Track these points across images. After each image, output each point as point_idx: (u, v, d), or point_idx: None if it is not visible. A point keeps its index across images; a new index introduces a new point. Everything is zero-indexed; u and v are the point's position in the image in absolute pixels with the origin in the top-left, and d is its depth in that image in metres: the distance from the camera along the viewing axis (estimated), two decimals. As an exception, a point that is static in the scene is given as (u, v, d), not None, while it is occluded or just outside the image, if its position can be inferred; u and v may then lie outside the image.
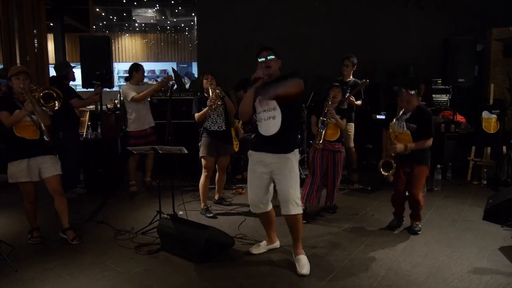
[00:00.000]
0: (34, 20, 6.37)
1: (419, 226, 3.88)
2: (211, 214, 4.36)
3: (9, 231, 3.99)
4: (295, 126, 3.41)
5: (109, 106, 6.53)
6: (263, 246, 3.49)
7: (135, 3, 12.32)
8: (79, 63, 5.32)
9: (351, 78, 5.47)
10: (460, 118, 6.27)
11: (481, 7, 7.06)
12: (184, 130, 5.46)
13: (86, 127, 6.67)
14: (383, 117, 4.00)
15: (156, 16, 13.44)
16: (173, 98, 4.72)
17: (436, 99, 6.70)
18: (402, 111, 3.65)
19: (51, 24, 9.09)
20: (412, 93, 3.60)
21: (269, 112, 3.04)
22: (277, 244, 3.56)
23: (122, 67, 15.67)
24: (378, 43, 7.26)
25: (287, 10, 7.26)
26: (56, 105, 3.53)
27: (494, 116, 5.61)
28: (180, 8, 13.03)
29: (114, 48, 15.82)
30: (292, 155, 3.10)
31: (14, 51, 6.34)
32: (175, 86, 6.21)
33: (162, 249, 3.51)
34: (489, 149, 5.70)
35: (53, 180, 3.59)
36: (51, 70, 5.50)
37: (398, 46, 7.36)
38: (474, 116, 5.91)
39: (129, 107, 5.21)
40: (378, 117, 6.08)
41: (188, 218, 3.99)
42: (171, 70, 8.23)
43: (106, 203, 4.80)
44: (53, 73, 5.33)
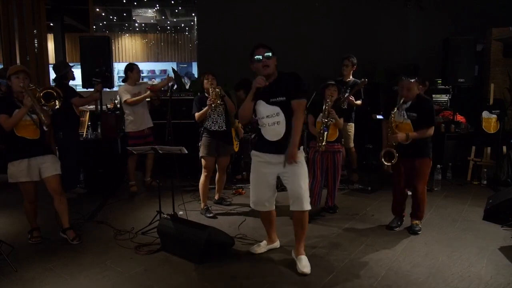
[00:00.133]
0: (34, 20, 6.37)
1: (419, 226, 3.88)
2: (211, 214, 4.36)
3: (9, 231, 3.99)
4: None
5: (109, 106, 6.53)
6: (264, 246, 3.49)
7: (135, 3, 12.32)
8: (79, 63, 5.32)
9: (351, 78, 5.47)
10: (460, 118, 6.27)
11: (481, 7, 7.05)
12: (184, 130, 5.46)
13: (86, 127, 6.67)
14: (383, 117, 3.98)
15: (156, 16, 13.43)
16: (173, 98, 4.72)
17: (436, 99, 6.69)
18: (402, 100, 3.64)
19: (51, 24, 9.08)
20: (412, 81, 3.57)
21: (273, 117, 3.04)
22: (277, 244, 3.56)
23: (122, 67, 15.55)
24: (378, 43, 7.25)
25: (287, 10, 7.25)
26: (56, 104, 3.53)
27: (494, 116, 5.61)
28: (180, 8, 13.03)
29: (114, 48, 15.81)
30: (299, 154, 3.11)
31: (14, 51, 6.33)
32: (175, 86, 6.20)
33: (162, 249, 3.51)
34: (489, 149, 5.71)
35: (52, 179, 3.59)
36: (51, 71, 5.49)
37: (398, 46, 7.36)
38: (474, 116, 5.91)
39: (125, 108, 5.22)
40: (378, 117, 6.07)
41: (188, 218, 3.99)
42: (171, 70, 8.22)
43: (106, 203, 4.80)
44: (52, 73, 5.33)
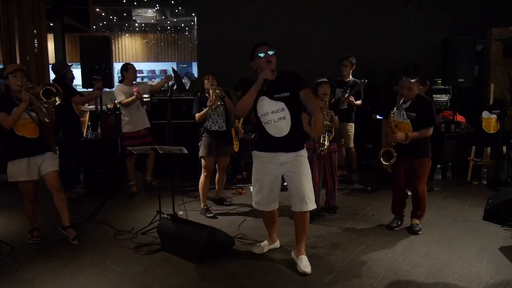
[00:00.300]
0: (34, 20, 6.37)
1: (419, 226, 3.88)
2: (211, 214, 4.36)
3: (9, 231, 3.98)
4: (301, 124, 3.40)
5: (109, 106, 6.53)
6: (265, 246, 3.48)
7: (135, 3, 12.33)
8: (79, 63, 5.32)
9: (351, 78, 5.47)
10: (460, 118, 6.27)
11: (481, 7, 7.05)
12: (184, 130, 5.46)
13: (86, 127, 6.67)
14: (383, 117, 3.98)
15: (156, 16, 13.44)
16: (173, 98, 4.72)
17: (436, 99, 6.69)
18: (402, 100, 3.64)
19: (51, 24, 9.08)
20: (412, 81, 3.57)
21: (278, 113, 3.02)
22: (277, 244, 3.56)
23: (122, 67, 15.65)
24: (378, 43, 7.26)
25: (287, 10, 7.26)
26: (56, 100, 3.52)
27: (494, 116, 5.61)
28: (180, 8, 13.04)
29: (114, 48, 15.82)
30: (304, 152, 3.12)
31: (14, 51, 6.33)
32: (175, 86, 6.21)
33: (162, 249, 3.51)
34: (489, 149, 5.70)
35: (51, 175, 3.58)
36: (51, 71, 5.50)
37: (398, 46, 7.36)
38: (474, 116, 5.91)
39: (122, 109, 5.22)
40: (378, 117, 6.08)
41: (188, 218, 3.99)
42: (171, 70, 8.23)
43: (106, 203, 4.80)
44: (52, 73, 5.33)
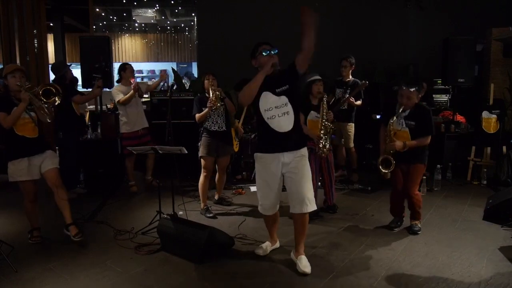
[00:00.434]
0: (34, 20, 6.35)
1: (419, 226, 3.88)
2: (211, 214, 4.36)
3: (9, 231, 3.99)
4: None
5: (109, 106, 6.52)
6: (268, 247, 3.46)
7: (135, 3, 12.33)
8: (79, 63, 5.32)
9: (351, 78, 5.47)
10: (460, 118, 6.27)
11: (481, 7, 7.06)
12: (184, 130, 5.45)
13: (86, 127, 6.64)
14: (381, 123, 3.98)
15: (156, 16, 13.45)
16: (173, 98, 4.72)
17: (436, 99, 6.70)
18: (401, 109, 3.66)
19: (51, 24, 9.07)
20: (412, 90, 3.59)
21: (282, 108, 3.01)
22: (277, 244, 3.55)
23: (122, 68, 15.65)
24: (378, 43, 7.26)
25: (287, 10, 7.24)
26: (56, 100, 3.52)
27: (494, 116, 5.61)
28: (180, 8, 13.04)
29: (114, 48, 15.83)
30: (305, 151, 3.11)
31: (14, 51, 6.32)
32: (175, 86, 6.21)
33: (162, 249, 3.51)
34: (489, 149, 5.70)
35: (51, 173, 3.59)
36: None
37: (398, 46, 7.37)
38: (474, 116, 5.91)
39: (119, 109, 5.22)
40: (378, 117, 6.08)
41: (188, 218, 3.99)
42: (171, 70, 8.23)
43: (106, 203, 4.80)
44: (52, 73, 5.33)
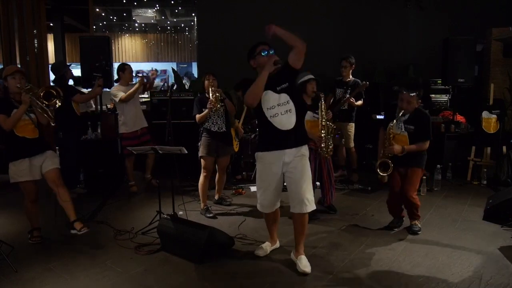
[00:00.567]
0: (34, 20, 6.35)
1: (419, 226, 3.87)
2: (211, 214, 4.36)
3: (9, 231, 3.98)
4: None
5: (109, 106, 6.52)
6: (268, 247, 3.45)
7: (135, 3, 12.34)
8: (79, 63, 5.32)
9: (351, 77, 5.47)
10: (460, 118, 6.27)
11: (481, 7, 7.06)
12: (184, 130, 5.46)
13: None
14: (383, 117, 3.99)
15: (156, 16, 13.46)
16: (173, 98, 4.72)
17: (436, 99, 6.69)
18: (401, 113, 3.67)
19: (51, 24, 9.07)
20: (412, 95, 3.61)
21: (284, 106, 3.01)
22: (277, 244, 3.55)
23: (122, 67, 15.66)
24: (378, 43, 7.26)
25: (287, 10, 7.25)
26: (57, 102, 3.52)
27: (494, 116, 5.61)
28: (180, 8, 13.05)
29: (114, 48, 15.83)
30: (306, 150, 3.10)
31: (14, 51, 6.32)
32: (175, 86, 6.21)
33: (162, 249, 3.51)
34: (489, 149, 5.70)
35: (52, 173, 3.59)
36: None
37: (398, 46, 7.36)
38: (474, 116, 5.91)
39: (118, 109, 5.22)
40: (378, 117, 6.08)
41: (188, 218, 4.00)
42: (171, 70, 8.23)
43: (106, 203, 4.80)
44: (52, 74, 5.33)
